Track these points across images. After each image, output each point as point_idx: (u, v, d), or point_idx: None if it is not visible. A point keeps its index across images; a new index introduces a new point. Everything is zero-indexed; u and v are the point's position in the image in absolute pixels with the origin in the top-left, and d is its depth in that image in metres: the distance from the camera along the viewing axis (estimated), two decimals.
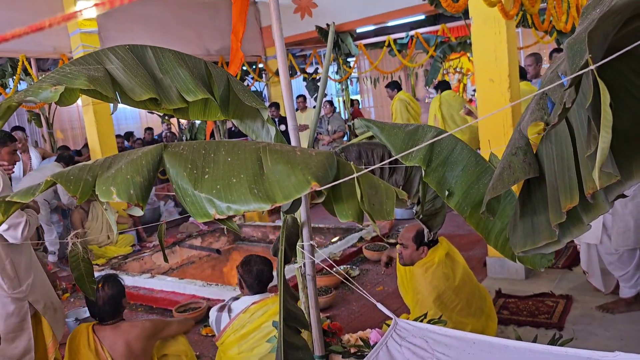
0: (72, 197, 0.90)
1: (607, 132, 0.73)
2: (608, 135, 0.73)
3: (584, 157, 1.02)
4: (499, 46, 4.12)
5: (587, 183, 1.01)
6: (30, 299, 2.45)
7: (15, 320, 2.35)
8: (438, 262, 2.96)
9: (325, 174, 0.89)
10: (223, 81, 1.52)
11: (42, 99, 1.12)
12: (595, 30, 0.73)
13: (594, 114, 0.75)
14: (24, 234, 2.26)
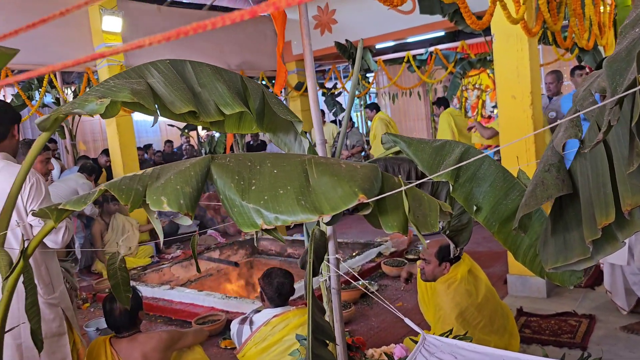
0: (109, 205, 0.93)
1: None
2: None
3: (621, 173, 1.02)
4: (521, 63, 4.13)
5: (624, 200, 1.01)
6: (62, 305, 2.46)
7: (54, 325, 2.36)
8: (460, 278, 2.94)
9: (371, 187, 0.91)
10: (259, 95, 1.55)
11: (88, 111, 1.16)
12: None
13: None
14: (64, 239, 2.27)
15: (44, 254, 2.24)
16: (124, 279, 1.26)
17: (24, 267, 1.14)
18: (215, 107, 1.40)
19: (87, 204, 1.01)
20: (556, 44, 6.97)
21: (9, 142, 2.33)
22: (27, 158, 1.24)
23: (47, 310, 2.33)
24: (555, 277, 1.73)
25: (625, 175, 0.98)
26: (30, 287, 1.20)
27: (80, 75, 8.54)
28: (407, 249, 5.84)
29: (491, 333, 2.96)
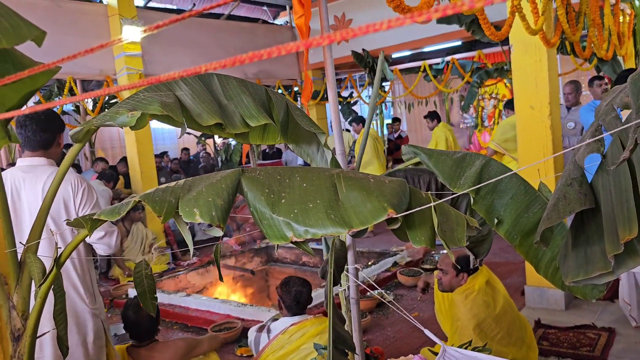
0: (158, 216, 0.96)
1: None
2: None
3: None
4: (539, 73, 4.11)
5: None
6: (102, 317, 2.44)
7: (98, 337, 2.34)
8: (478, 289, 2.93)
9: (400, 202, 0.92)
10: (283, 107, 1.58)
11: (119, 123, 1.19)
12: None
13: None
14: (116, 243, 2.29)
15: (89, 262, 2.26)
16: (150, 287, 1.29)
17: (56, 275, 1.18)
18: (240, 119, 1.42)
19: (122, 214, 1.04)
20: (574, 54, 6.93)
21: (54, 150, 2.36)
22: (61, 167, 1.28)
23: (93, 320, 2.32)
24: (577, 290, 1.73)
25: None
26: (60, 294, 1.24)
27: (100, 83, 8.69)
28: (423, 259, 5.82)
29: (509, 345, 2.94)
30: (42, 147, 2.30)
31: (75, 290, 2.21)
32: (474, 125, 9.78)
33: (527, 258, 1.75)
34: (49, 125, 2.30)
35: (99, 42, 3.45)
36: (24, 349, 1.15)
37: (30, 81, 1.10)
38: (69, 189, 2.25)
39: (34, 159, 2.28)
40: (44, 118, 2.29)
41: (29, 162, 2.28)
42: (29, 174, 2.25)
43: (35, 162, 2.28)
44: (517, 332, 3.03)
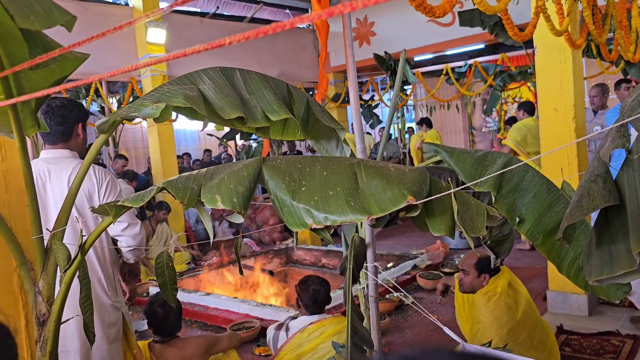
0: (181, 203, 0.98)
1: None
2: None
3: None
4: (564, 75, 4.06)
5: None
6: (123, 310, 2.42)
7: (114, 330, 2.32)
8: (501, 291, 2.89)
9: (420, 189, 0.92)
10: (303, 102, 1.59)
11: (144, 114, 1.22)
12: None
13: None
14: (141, 237, 2.28)
15: (112, 256, 2.28)
16: (171, 278, 1.31)
17: (80, 261, 1.21)
18: (262, 113, 1.44)
19: (145, 201, 1.06)
20: (600, 57, 6.82)
21: (74, 141, 2.31)
22: (87, 157, 1.31)
23: (113, 313, 2.31)
24: (601, 291, 1.70)
25: None
26: (85, 282, 1.26)
27: (125, 85, 8.84)
28: (442, 262, 5.78)
29: (530, 349, 2.90)
30: (60, 140, 2.27)
31: (99, 282, 2.23)
32: (497, 129, 9.67)
33: (549, 257, 1.73)
34: (65, 117, 2.25)
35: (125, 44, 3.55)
36: (48, 333, 1.18)
37: (59, 69, 1.13)
38: (93, 181, 2.23)
39: (57, 151, 2.26)
40: (59, 111, 2.25)
41: (53, 154, 2.26)
42: (54, 165, 2.22)
43: (59, 155, 2.26)
44: (539, 335, 2.99)
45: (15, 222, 1.36)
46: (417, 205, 0.91)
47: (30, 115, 1.19)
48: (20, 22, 0.85)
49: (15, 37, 0.91)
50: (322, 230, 0.97)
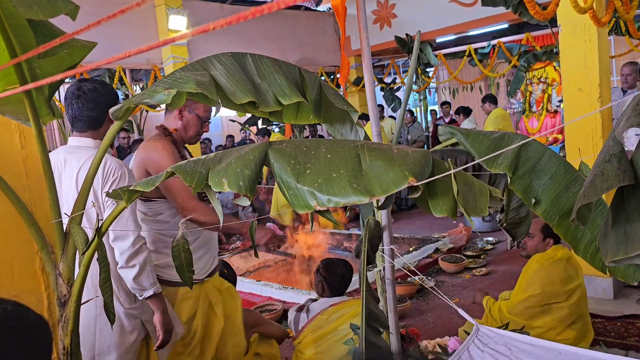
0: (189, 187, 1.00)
1: None
2: None
3: None
4: (589, 54, 3.96)
5: None
6: (143, 317, 2.19)
7: (129, 340, 2.13)
8: (560, 257, 2.94)
9: (422, 170, 0.93)
10: (316, 86, 1.60)
11: (156, 100, 1.24)
12: None
13: None
14: (130, 253, 1.96)
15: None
16: (187, 260, 1.34)
17: (98, 244, 1.25)
18: (274, 98, 1.45)
19: (155, 185, 1.09)
20: (629, 34, 6.62)
21: (105, 128, 2.12)
22: (101, 147, 1.34)
23: (126, 321, 2.11)
24: (619, 273, 1.68)
25: None
26: (104, 264, 1.30)
27: (148, 72, 8.94)
28: (465, 246, 5.75)
29: (567, 328, 2.92)
30: (90, 127, 2.09)
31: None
32: (522, 110, 9.49)
33: (565, 238, 1.71)
34: (97, 102, 2.06)
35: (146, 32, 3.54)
36: (69, 313, 1.23)
37: (69, 57, 1.16)
38: (99, 175, 2.00)
39: (81, 139, 2.10)
40: (91, 94, 2.06)
41: (76, 143, 2.11)
42: (71, 155, 2.06)
43: (81, 143, 2.09)
44: (579, 317, 2.99)
45: (36, 207, 1.40)
46: (419, 187, 0.92)
47: (45, 103, 1.23)
48: (24, 12, 0.88)
49: (23, 27, 0.94)
50: (326, 212, 0.98)
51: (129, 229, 1.97)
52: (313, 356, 2.94)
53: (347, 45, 9.88)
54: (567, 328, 2.94)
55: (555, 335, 2.88)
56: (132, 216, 2.01)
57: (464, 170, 2.05)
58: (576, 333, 2.95)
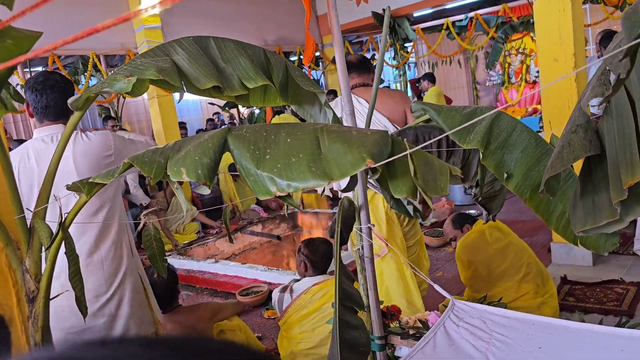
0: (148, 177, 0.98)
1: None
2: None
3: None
4: (563, 24, 3.96)
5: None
6: (140, 271, 2.32)
7: (137, 291, 2.25)
8: (476, 231, 3.15)
9: (380, 152, 0.92)
10: (281, 68, 1.57)
11: (116, 89, 1.21)
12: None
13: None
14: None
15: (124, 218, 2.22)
16: (160, 249, 1.33)
17: (64, 238, 1.23)
18: (239, 82, 1.43)
19: (115, 177, 1.06)
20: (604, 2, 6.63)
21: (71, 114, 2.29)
22: (62, 137, 1.31)
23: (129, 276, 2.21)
24: (590, 244, 1.70)
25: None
26: (73, 257, 1.28)
27: (123, 58, 8.77)
28: None
29: (522, 283, 3.02)
30: (63, 115, 2.14)
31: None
32: (501, 82, 9.52)
33: (537, 212, 1.72)
34: (68, 92, 2.12)
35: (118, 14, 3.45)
36: (39, 309, 1.21)
37: (15, 47, 1.12)
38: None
39: (55, 126, 2.13)
40: (64, 84, 2.14)
41: (53, 131, 2.13)
42: (53, 143, 2.07)
43: (58, 130, 2.12)
44: (528, 268, 3.08)
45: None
46: (377, 168, 0.91)
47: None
48: None
49: None
50: (287, 197, 0.97)
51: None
52: (298, 336, 2.96)
53: (324, 24, 9.79)
54: (522, 283, 3.05)
55: (515, 293, 3.00)
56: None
57: (446, 153, 2.06)
58: (533, 285, 3.04)
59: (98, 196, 2.13)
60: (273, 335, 3.72)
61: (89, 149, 2.12)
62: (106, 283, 2.11)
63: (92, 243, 2.08)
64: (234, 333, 3.13)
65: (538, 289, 3.02)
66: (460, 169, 2.08)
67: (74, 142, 2.12)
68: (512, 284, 3.03)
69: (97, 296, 2.09)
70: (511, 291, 3.01)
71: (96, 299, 2.08)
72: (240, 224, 6.84)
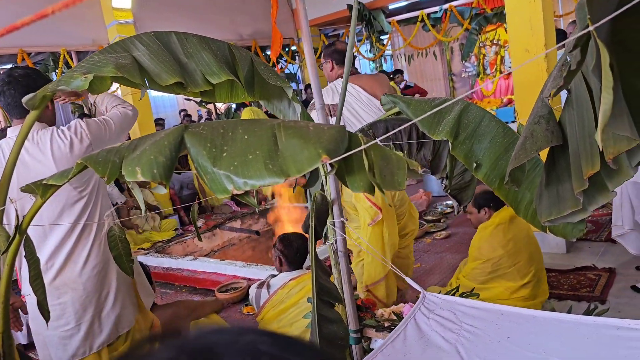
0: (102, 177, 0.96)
1: (609, 94, 0.72)
2: (609, 96, 0.72)
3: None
4: (534, 15, 4.00)
5: (607, 148, 0.99)
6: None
7: (124, 283, 2.30)
8: (498, 223, 3.06)
9: (336, 147, 0.91)
10: (247, 63, 1.55)
11: (73, 87, 1.18)
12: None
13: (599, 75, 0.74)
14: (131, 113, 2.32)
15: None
16: (125, 249, 1.31)
17: (23, 241, 1.20)
18: (202, 77, 1.40)
19: (70, 178, 1.04)
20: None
21: (43, 113, 2.06)
22: (19, 137, 1.28)
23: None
24: (558, 231, 1.72)
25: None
26: (33, 261, 1.25)
27: None
28: (426, 210, 5.84)
29: (521, 288, 3.03)
30: (27, 112, 2.16)
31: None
32: (476, 73, 9.58)
33: (507, 201, 1.74)
34: (30, 87, 2.02)
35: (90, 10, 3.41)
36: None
37: None
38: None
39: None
40: (23, 80, 2.07)
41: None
42: (28, 141, 2.05)
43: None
44: (527, 269, 3.09)
45: None
46: (334, 164, 0.90)
47: None
48: None
49: None
50: (245, 195, 0.96)
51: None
52: (276, 330, 2.96)
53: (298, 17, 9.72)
54: (522, 287, 3.05)
55: (510, 294, 2.99)
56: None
57: (399, 147, 2.06)
58: (530, 291, 3.05)
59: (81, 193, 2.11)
60: None
61: (66, 146, 2.09)
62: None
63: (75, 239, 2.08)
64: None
65: (532, 294, 3.06)
66: (431, 160, 2.09)
67: (51, 141, 2.09)
68: (512, 285, 3.03)
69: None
70: (508, 292, 3.03)
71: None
72: (218, 220, 6.79)
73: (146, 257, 5.76)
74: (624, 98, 1.03)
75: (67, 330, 2.09)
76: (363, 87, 3.36)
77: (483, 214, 3.17)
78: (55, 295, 2.06)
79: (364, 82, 3.37)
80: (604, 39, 0.80)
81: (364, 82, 3.37)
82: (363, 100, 3.35)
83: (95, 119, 2.16)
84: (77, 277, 2.09)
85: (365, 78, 3.49)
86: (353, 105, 3.36)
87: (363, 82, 3.38)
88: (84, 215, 2.10)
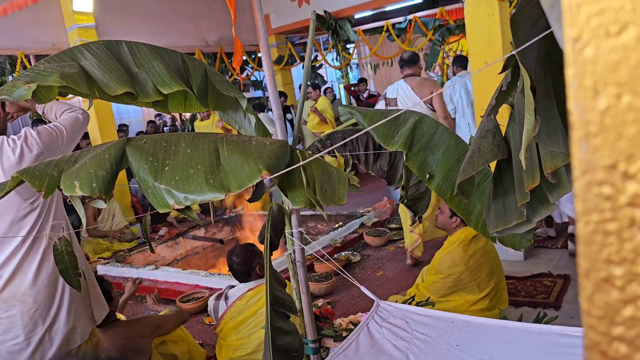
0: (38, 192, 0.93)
1: (530, 115, 0.75)
2: (531, 117, 0.75)
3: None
4: (492, 27, 4.11)
5: (545, 163, 1.03)
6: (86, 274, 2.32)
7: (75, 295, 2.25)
8: (463, 238, 3.08)
9: (277, 163, 0.91)
10: (200, 73, 1.54)
11: (15, 96, 1.15)
12: (517, 14, 0.75)
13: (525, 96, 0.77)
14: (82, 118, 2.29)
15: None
16: (72, 263, 1.27)
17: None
18: (153, 87, 1.39)
19: (5, 192, 1.01)
20: None
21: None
22: None
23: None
24: (507, 242, 1.77)
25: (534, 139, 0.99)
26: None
27: None
28: (389, 219, 5.89)
29: (480, 300, 3.06)
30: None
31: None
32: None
33: (458, 211, 1.77)
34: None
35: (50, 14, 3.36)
36: None
37: None
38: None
39: None
40: None
41: None
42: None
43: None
44: (487, 283, 3.12)
45: None
46: (274, 180, 0.91)
47: None
48: None
49: None
50: (186, 210, 0.95)
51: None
52: (235, 342, 2.93)
53: (266, 24, 9.72)
54: (480, 300, 3.09)
55: (469, 306, 3.03)
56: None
57: (356, 158, 2.08)
58: (488, 302, 3.10)
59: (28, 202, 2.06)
60: (214, 341, 3.66)
61: (16, 156, 2.03)
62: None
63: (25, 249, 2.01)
64: (176, 344, 3.05)
65: (491, 306, 3.10)
66: (387, 171, 2.12)
67: (0, 151, 2.04)
68: (471, 298, 3.06)
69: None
70: (467, 304, 3.06)
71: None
72: (181, 230, 6.70)
73: (106, 266, 5.63)
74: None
75: (15, 344, 2.02)
76: (413, 87, 4.43)
77: (453, 220, 3.16)
78: (3, 309, 2.00)
79: (414, 84, 4.45)
80: (537, 58, 0.82)
81: (414, 84, 4.45)
82: (410, 97, 4.41)
83: (46, 126, 2.11)
84: (28, 290, 2.03)
85: (417, 81, 4.51)
86: (404, 99, 4.46)
87: (414, 84, 4.46)
88: (36, 226, 2.04)
